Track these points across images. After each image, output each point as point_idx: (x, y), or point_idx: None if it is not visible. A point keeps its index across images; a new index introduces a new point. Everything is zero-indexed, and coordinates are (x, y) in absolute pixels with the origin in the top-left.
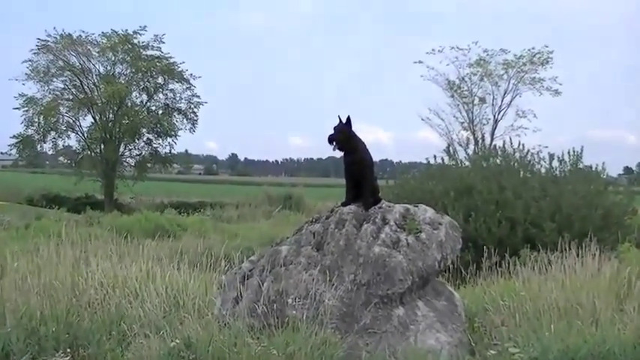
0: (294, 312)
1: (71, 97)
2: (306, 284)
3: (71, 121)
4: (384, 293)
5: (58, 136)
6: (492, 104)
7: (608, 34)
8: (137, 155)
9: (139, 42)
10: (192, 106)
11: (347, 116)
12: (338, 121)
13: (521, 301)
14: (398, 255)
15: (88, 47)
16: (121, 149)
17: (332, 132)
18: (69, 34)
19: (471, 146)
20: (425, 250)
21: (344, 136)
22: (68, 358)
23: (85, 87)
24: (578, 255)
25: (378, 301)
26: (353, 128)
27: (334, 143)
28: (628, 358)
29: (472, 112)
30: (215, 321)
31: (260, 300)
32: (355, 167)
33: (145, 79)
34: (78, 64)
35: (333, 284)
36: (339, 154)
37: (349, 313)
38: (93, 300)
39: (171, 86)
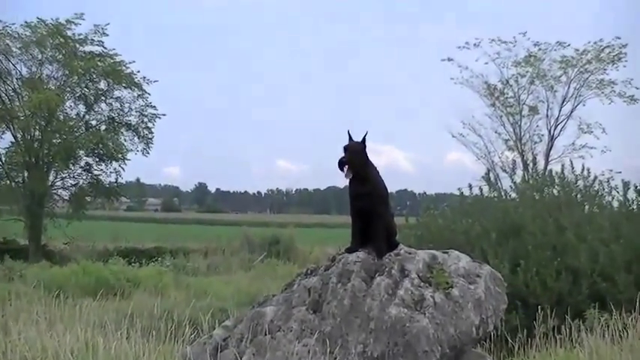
0: None
1: None
2: (299, 358)
3: None
4: None
5: None
6: (547, 115)
7: None
8: (72, 186)
9: (73, 34)
10: (146, 119)
11: (365, 134)
12: (348, 138)
13: None
14: (422, 318)
15: (7, 42)
16: (51, 178)
17: (343, 154)
18: None
19: (519, 172)
20: (458, 311)
21: (360, 158)
22: None
23: (3, 95)
24: None
25: None
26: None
27: (346, 168)
28: None
29: (520, 127)
30: None
31: None
32: (365, 200)
33: (83, 84)
34: None
35: (336, 357)
36: (341, 182)
37: None
38: None
39: (117, 93)
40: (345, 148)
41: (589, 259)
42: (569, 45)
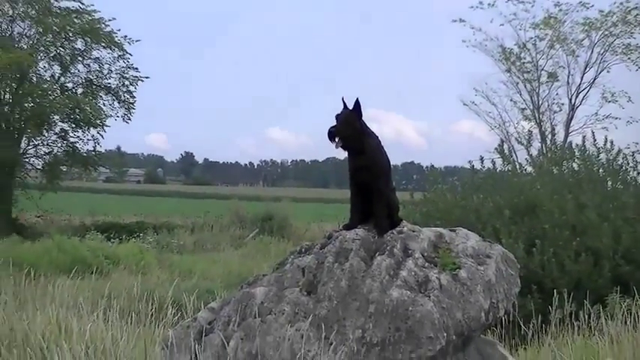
0: None
1: None
2: (291, 343)
3: None
4: (406, 357)
5: None
6: (568, 83)
7: None
8: (46, 154)
9: None
10: (127, 82)
11: (355, 100)
12: (342, 106)
13: None
14: (426, 302)
15: None
16: (23, 145)
17: (334, 123)
18: None
19: (536, 144)
20: (466, 294)
21: (351, 128)
22: None
23: None
24: None
25: None
26: (363, 117)
27: (337, 139)
28: None
29: (538, 94)
30: None
31: None
32: (364, 174)
33: (58, 44)
34: None
35: (332, 343)
36: (343, 153)
37: None
38: None
39: (95, 54)
40: (336, 118)
41: (611, 240)
42: (592, 6)
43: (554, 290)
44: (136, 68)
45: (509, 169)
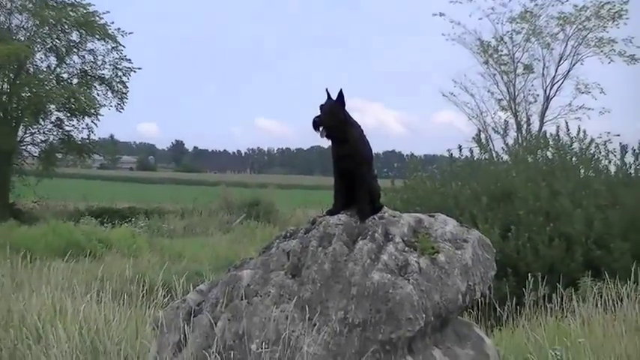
0: None
1: None
2: (276, 324)
3: None
4: (385, 338)
5: None
6: (543, 75)
7: None
8: (42, 142)
9: None
10: (121, 73)
11: (339, 91)
12: (326, 97)
13: (578, 350)
14: (406, 284)
15: None
16: (20, 133)
17: (318, 113)
18: None
19: (512, 133)
20: (444, 277)
21: (335, 118)
22: None
23: None
24: None
25: (377, 349)
26: (347, 107)
27: (321, 128)
28: None
29: (514, 86)
30: None
31: (212, 346)
32: (347, 162)
33: (54, 36)
34: None
35: (315, 324)
36: (327, 142)
37: None
38: None
39: (90, 45)
40: (321, 108)
41: (583, 226)
42: (567, 0)
43: (529, 274)
44: (129, 60)
45: (486, 157)
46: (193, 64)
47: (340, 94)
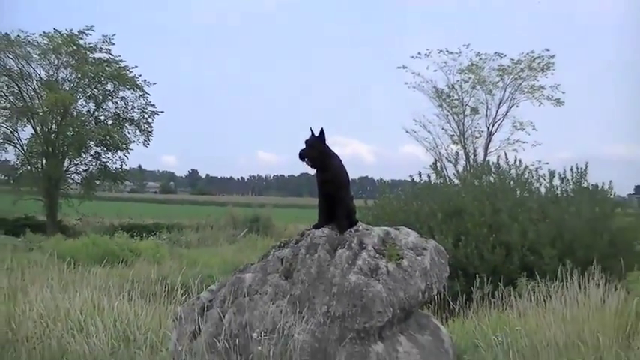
0: (260, 348)
1: (8, 105)
2: (272, 316)
3: (9, 133)
4: (360, 327)
5: None
6: (486, 115)
7: (620, 36)
8: (84, 171)
9: (85, 43)
10: (146, 115)
11: (320, 129)
12: (310, 134)
13: (516, 336)
14: (377, 284)
15: (28, 49)
16: (66, 164)
17: (303, 147)
18: (5, 34)
19: (462, 162)
20: (407, 278)
21: (316, 151)
22: None
23: (25, 94)
24: (580, 285)
25: (354, 336)
26: (328, 142)
27: (305, 160)
28: None
29: (463, 124)
30: (170, 357)
31: (221, 334)
32: (329, 186)
33: (93, 86)
34: (16, 67)
35: (304, 316)
36: (312, 171)
37: (321, 349)
38: (31, 334)
39: (122, 93)
40: (305, 143)
41: (519, 236)
42: (505, 55)
43: (476, 275)
44: (153, 105)
45: (440, 181)
46: (208, 106)
47: (321, 132)
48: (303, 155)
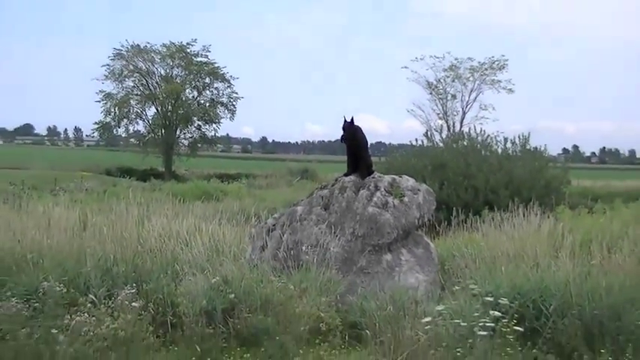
0: (307, 257)
1: (139, 93)
2: (316, 236)
3: (139, 111)
4: (375, 243)
5: (129, 123)
6: (461, 100)
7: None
8: (190, 138)
9: (191, 51)
10: (232, 100)
11: (351, 117)
12: (343, 120)
13: (480, 249)
14: (386, 214)
15: (152, 55)
16: (177, 133)
17: (343, 131)
18: (137, 44)
19: (445, 132)
20: (407, 210)
21: (350, 135)
22: (134, 291)
23: (150, 85)
24: (524, 215)
25: (371, 249)
26: (357, 119)
27: (344, 140)
28: (560, 293)
29: (446, 106)
30: (246, 263)
31: (281, 248)
32: (354, 148)
33: (196, 80)
34: (144, 67)
35: (337, 236)
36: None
37: (349, 258)
38: (153, 247)
39: (215, 85)
40: (343, 128)
41: (484, 182)
42: (475, 59)
43: (454, 208)
44: (236, 92)
45: (430, 145)
46: (273, 91)
47: (352, 120)
48: (343, 138)
